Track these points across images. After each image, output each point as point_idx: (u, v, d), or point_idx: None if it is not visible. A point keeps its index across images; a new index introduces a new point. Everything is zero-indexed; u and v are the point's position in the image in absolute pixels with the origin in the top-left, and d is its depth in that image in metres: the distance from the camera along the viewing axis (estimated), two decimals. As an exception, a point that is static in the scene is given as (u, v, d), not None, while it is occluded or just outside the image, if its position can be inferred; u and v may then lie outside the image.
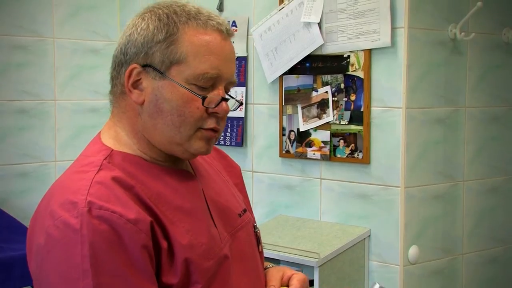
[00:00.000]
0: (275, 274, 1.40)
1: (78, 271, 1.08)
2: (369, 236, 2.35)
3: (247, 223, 1.37)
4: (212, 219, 1.27)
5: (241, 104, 1.27)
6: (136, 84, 1.21)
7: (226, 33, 1.21)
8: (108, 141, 1.24)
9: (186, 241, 1.18)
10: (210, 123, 1.22)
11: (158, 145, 1.23)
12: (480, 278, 2.54)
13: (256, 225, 1.42)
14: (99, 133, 1.28)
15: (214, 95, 1.20)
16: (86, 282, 1.08)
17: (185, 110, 1.19)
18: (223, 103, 1.21)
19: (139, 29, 1.19)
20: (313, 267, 2.24)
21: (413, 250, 2.29)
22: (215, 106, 1.20)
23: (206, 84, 1.19)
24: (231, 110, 1.25)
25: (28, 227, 1.21)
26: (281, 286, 1.37)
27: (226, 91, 1.24)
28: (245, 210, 1.38)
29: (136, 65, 1.19)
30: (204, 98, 1.19)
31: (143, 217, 1.13)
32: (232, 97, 1.25)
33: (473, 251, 2.52)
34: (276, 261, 2.33)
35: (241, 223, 1.34)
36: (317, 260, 2.23)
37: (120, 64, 1.22)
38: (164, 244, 1.15)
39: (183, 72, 1.18)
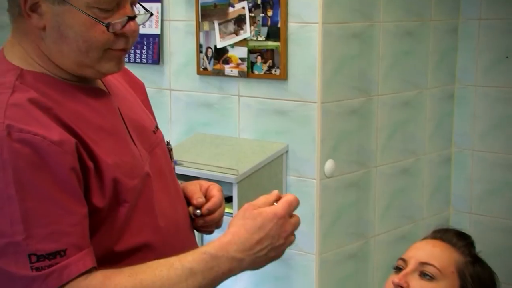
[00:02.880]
0: (194, 188, 1.42)
1: (2, 197, 1.05)
2: (286, 151, 2.39)
3: (161, 140, 1.37)
4: (131, 137, 1.26)
5: (151, 14, 1.23)
6: (34, 7, 1.13)
7: None
8: (15, 59, 1.18)
9: (111, 161, 1.17)
10: (119, 44, 1.18)
11: (67, 69, 1.18)
12: (391, 188, 2.64)
13: (169, 142, 1.41)
14: (1, 50, 1.21)
15: (120, 15, 1.15)
16: (12, 208, 1.06)
17: (90, 36, 1.14)
18: (131, 22, 1.17)
19: None
20: (231, 183, 2.26)
21: (329, 164, 2.35)
22: (122, 27, 1.16)
23: (109, 6, 1.14)
24: (141, 24, 1.21)
25: None
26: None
27: (133, 4, 1.19)
28: (157, 127, 1.37)
29: None
30: (108, 25, 1.14)
31: (67, 138, 1.10)
32: (141, 5, 1.21)
33: (386, 163, 2.60)
34: (195, 179, 2.34)
35: (156, 140, 1.34)
36: (236, 176, 2.25)
37: None
38: (90, 164, 1.13)
39: None
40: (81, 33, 1.14)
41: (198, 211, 1.38)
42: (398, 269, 1.51)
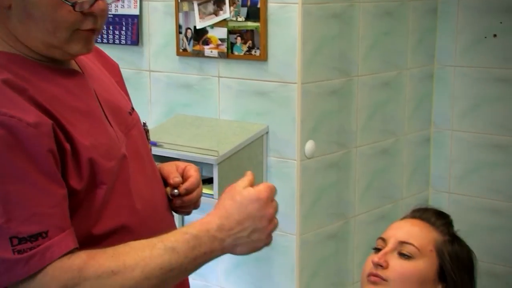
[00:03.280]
0: (170, 168, 1.42)
1: None
2: (267, 132, 2.39)
3: (137, 121, 1.36)
4: (107, 119, 1.25)
5: None
6: None
7: None
8: None
9: (88, 142, 1.16)
10: (87, 24, 1.15)
11: (35, 49, 1.16)
12: (371, 168, 2.66)
13: (145, 123, 1.41)
14: None
15: None
16: None
17: (57, 15, 1.12)
18: (99, 1, 1.14)
19: None
20: (212, 164, 2.26)
21: (309, 145, 2.36)
22: (90, 6, 1.14)
23: None
24: (111, 3, 1.19)
25: None
26: None
27: None
28: (133, 108, 1.36)
29: None
30: (73, 4, 1.12)
31: (44, 120, 1.09)
32: None
33: (366, 144, 2.61)
34: (175, 160, 2.34)
35: (132, 121, 1.33)
36: (216, 157, 2.25)
37: None
38: (67, 146, 1.12)
39: None
40: (47, 12, 1.11)
41: (176, 191, 1.38)
42: (377, 249, 1.52)
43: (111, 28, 2.73)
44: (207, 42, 2.48)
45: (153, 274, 1.12)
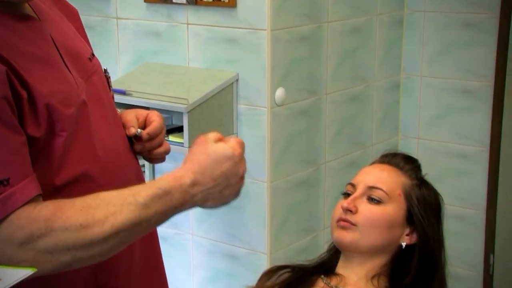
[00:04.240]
0: (129, 115, 1.40)
1: None
2: (237, 80, 2.38)
3: (98, 67, 1.33)
4: (66, 65, 1.22)
5: None
6: None
7: None
8: None
9: (45, 89, 1.13)
10: None
11: None
12: (341, 115, 2.67)
13: (106, 69, 1.38)
14: None
15: None
16: None
17: None
18: None
19: None
20: (182, 113, 2.25)
21: (279, 92, 2.35)
22: None
23: None
24: None
25: None
26: (138, 127, 1.39)
27: None
28: (93, 54, 1.34)
29: None
30: None
31: None
32: None
33: (336, 90, 2.62)
34: (145, 109, 2.32)
35: (93, 68, 1.30)
36: (186, 105, 2.24)
37: None
38: (23, 93, 1.09)
39: None
40: None
41: (138, 131, 1.36)
42: (347, 194, 1.54)
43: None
44: (175, -12, 2.43)
45: (122, 229, 1.11)
